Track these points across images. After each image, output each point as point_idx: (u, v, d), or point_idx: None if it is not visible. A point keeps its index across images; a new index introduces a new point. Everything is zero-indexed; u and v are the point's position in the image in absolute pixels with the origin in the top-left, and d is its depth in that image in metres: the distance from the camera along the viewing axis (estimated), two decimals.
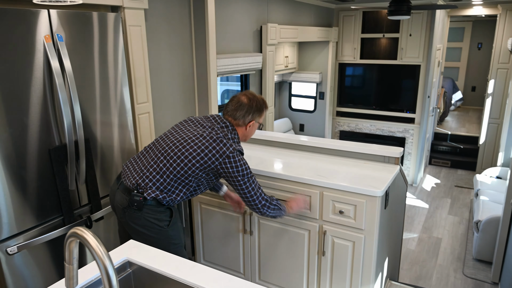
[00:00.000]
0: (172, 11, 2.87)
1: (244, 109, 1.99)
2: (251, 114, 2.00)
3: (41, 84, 1.92)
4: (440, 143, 6.74)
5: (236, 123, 2.02)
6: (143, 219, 1.90)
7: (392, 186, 2.34)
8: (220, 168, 1.89)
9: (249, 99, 2.01)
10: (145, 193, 1.87)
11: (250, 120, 2.01)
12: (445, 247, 3.89)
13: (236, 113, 2.00)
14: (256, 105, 2.01)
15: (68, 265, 0.88)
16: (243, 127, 2.03)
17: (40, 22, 1.88)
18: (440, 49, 6.06)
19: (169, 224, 1.96)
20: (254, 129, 2.09)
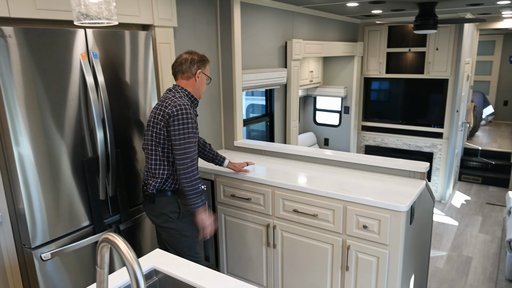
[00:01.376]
0: (200, 28, 2.98)
1: (187, 62, 2.12)
2: (195, 64, 2.13)
3: (77, 98, 2.04)
4: (470, 159, 6.55)
5: (186, 77, 2.13)
6: (156, 210, 2.13)
7: (417, 201, 2.31)
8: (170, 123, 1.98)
9: (190, 53, 2.15)
10: (149, 187, 2.10)
11: (197, 69, 2.13)
12: (476, 266, 3.76)
13: (182, 67, 2.13)
14: (197, 57, 2.14)
15: (100, 269, 0.93)
16: (192, 78, 2.14)
17: (77, 40, 2.00)
18: (469, 63, 5.95)
19: (179, 216, 2.14)
20: (203, 81, 2.19)
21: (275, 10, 3.72)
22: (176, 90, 2.12)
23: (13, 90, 1.78)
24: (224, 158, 2.60)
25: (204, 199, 2.10)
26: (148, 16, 2.44)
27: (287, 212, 2.48)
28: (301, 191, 2.40)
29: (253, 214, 2.66)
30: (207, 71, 2.20)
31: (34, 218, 1.93)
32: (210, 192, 2.85)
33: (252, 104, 4.89)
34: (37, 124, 1.89)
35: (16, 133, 1.81)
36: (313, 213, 2.37)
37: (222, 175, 2.76)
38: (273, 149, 3.09)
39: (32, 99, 1.85)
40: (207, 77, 2.21)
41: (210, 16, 3.06)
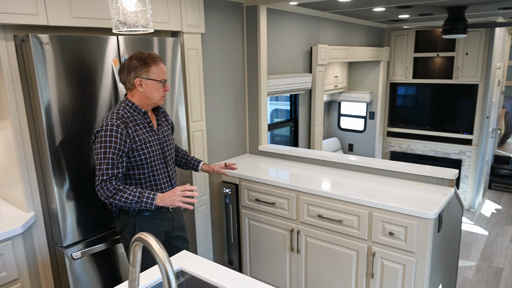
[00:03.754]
0: (227, 35, 3.02)
1: (124, 70, 1.84)
2: (132, 71, 1.81)
3: (108, 103, 2.11)
4: (501, 167, 6.33)
5: (127, 88, 1.87)
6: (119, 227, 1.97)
7: (446, 209, 2.26)
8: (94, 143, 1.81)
9: (129, 58, 1.84)
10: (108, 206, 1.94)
11: (134, 78, 1.81)
12: (507, 278, 3.62)
13: (121, 76, 1.87)
14: (136, 62, 1.81)
15: (132, 268, 0.97)
16: (134, 89, 1.85)
17: (109, 47, 2.08)
18: (501, 68, 5.77)
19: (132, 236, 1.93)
20: (153, 88, 1.85)
21: (301, 16, 3.74)
22: (118, 103, 1.89)
23: (49, 95, 1.86)
24: (199, 162, 2.29)
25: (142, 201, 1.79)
26: (177, 23, 2.51)
27: (312, 217, 2.48)
28: (325, 196, 2.39)
29: (277, 219, 2.66)
30: (153, 74, 1.83)
31: (66, 218, 2.00)
32: (235, 196, 2.87)
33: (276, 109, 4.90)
34: (70, 128, 1.96)
35: (51, 135, 1.89)
36: (337, 219, 2.35)
37: (246, 179, 2.78)
38: (297, 154, 3.09)
39: (66, 103, 1.93)
40: (157, 81, 1.85)
41: (237, 22, 3.10)
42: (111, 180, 1.77)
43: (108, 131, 1.76)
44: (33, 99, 1.90)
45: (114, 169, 1.77)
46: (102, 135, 1.76)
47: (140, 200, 1.79)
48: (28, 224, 1.95)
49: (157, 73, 1.84)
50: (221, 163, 2.33)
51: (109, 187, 1.76)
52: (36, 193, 2.03)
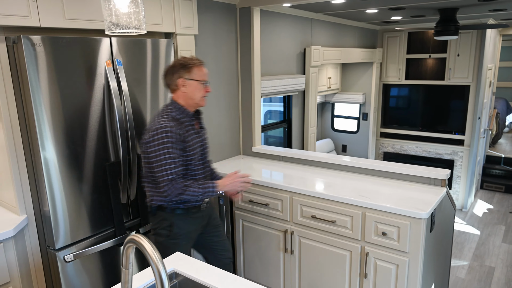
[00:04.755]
0: (220, 36, 3.03)
1: (169, 73, 1.98)
2: (175, 73, 1.95)
3: (101, 104, 2.10)
4: (492, 167, 6.39)
5: (172, 90, 2.00)
6: (153, 222, 2.07)
7: (438, 209, 2.28)
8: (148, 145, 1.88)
9: (174, 62, 1.99)
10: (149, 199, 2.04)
11: (178, 78, 1.95)
12: (499, 277, 3.66)
13: (166, 80, 2.01)
14: (179, 64, 1.96)
15: (125, 269, 0.96)
16: (178, 90, 1.97)
17: (102, 48, 2.07)
18: (492, 69, 5.83)
19: (168, 235, 2.03)
20: (195, 88, 1.97)
21: (294, 17, 3.75)
22: (166, 105, 2.00)
23: (41, 97, 1.85)
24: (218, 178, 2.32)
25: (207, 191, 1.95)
26: (171, 24, 2.51)
27: (305, 218, 2.49)
28: (319, 197, 2.40)
29: (271, 220, 2.67)
30: (195, 75, 1.96)
31: (58, 220, 1.99)
32: (228, 197, 2.87)
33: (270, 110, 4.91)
34: (62, 129, 1.95)
35: (43, 138, 1.88)
36: (331, 220, 2.36)
37: None
38: (290, 155, 3.10)
39: (58, 105, 1.92)
40: (199, 81, 1.97)
41: (230, 24, 3.11)
42: (178, 179, 1.90)
43: (165, 133, 1.85)
44: (25, 101, 1.88)
45: (178, 167, 1.90)
46: (161, 137, 1.85)
47: (205, 191, 1.95)
48: (20, 227, 1.93)
49: (198, 74, 1.97)
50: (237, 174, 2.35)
51: (178, 186, 1.88)
52: (28, 195, 2.01)
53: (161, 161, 1.86)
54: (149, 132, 1.89)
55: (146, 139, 1.90)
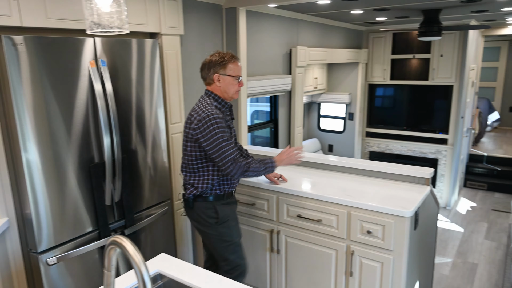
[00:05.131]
0: (206, 36, 3.02)
1: (205, 67, 2.10)
2: (212, 68, 2.07)
3: (84, 105, 2.07)
4: (475, 165, 6.52)
5: (207, 83, 2.13)
6: (195, 214, 2.16)
7: (422, 207, 2.32)
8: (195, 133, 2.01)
9: (211, 56, 2.10)
10: (188, 193, 2.14)
11: (213, 73, 2.07)
12: (482, 273, 3.73)
13: (202, 73, 2.13)
14: (216, 59, 2.07)
15: (107, 272, 0.96)
16: (213, 84, 2.10)
17: (86, 48, 2.04)
18: (474, 69, 5.95)
19: (217, 221, 2.15)
20: (230, 83, 2.10)
21: (280, 18, 3.77)
22: (204, 96, 2.13)
23: (23, 97, 1.82)
24: None
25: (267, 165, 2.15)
26: (156, 24, 2.49)
27: (291, 217, 2.50)
28: (305, 197, 2.41)
29: (257, 220, 2.67)
30: (230, 71, 2.08)
31: (41, 223, 1.96)
32: None
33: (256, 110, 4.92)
34: (45, 131, 1.92)
35: (25, 139, 1.85)
36: (317, 219, 2.38)
37: None
38: None
39: (41, 106, 1.89)
40: (233, 77, 2.10)
41: (216, 24, 3.10)
42: (239, 157, 2.04)
43: (215, 119, 1.98)
44: (6, 102, 1.85)
45: (235, 147, 2.06)
46: (213, 123, 1.97)
47: (265, 166, 2.13)
48: (0, 230, 1.89)
49: (233, 69, 2.09)
50: (277, 174, 2.59)
51: (241, 164, 2.03)
52: (9, 198, 1.97)
53: (219, 145, 1.98)
54: (196, 121, 1.99)
55: (195, 128, 1.99)
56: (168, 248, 2.75)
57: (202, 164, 2.10)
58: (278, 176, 2.60)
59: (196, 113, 2.03)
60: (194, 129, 2.01)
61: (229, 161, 2.00)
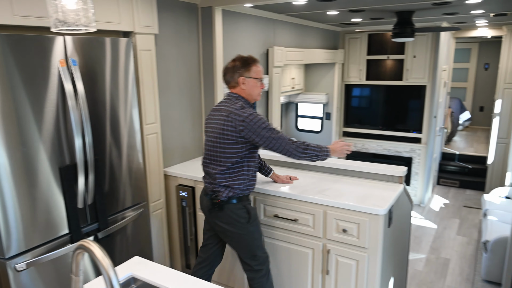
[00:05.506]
0: (181, 36, 2.99)
1: (229, 71, 2.17)
2: (237, 71, 2.14)
3: (55, 105, 2.01)
4: (448, 163, 6.71)
5: (231, 86, 2.18)
6: (226, 216, 2.16)
7: (396, 205, 2.36)
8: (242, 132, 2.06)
9: (233, 61, 2.18)
10: (219, 196, 2.14)
11: (239, 77, 2.14)
12: (454, 268, 3.84)
13: (226, 77, 2.19)
14: (240, 63, 2.14)
15: (75, 277, 0.93)
16: (238, 87, 2.16)
17: (55, 47, 1.99)
18: (446, 70, 6.11)
19: (248, 220, 2.18)
20: (252, 85, 2.17)
21: (257, 18, 3.77)
22: (232, 98, 2.16)
23: None
24: (271, 169, 2.60)
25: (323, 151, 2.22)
26: (129, 23, 2.44)
27: (268, 217, 2.50)
28: (282, 197, 2.42)
29: None
30: (253, 73, 2.16)
31: (9, 228, 1.89)
32: (191, 199, 2.84)
33: None
34: (13, 132, 1.86)
35: None
36: (293, 218, 2.39)
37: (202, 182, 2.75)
38: None
39: (9, 106, 1.83)
40: (256, 79, 2.17)
41: (192, 23, 3.07)
42: (293, 141, 2.13)
43: (258, 115, 2.08)
44: None
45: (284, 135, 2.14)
46: (258, 119, 2.06)
47: (322, 151, 2.21)
48: None
49: (256, 72, 2.16)
50: (287, 175, 2.63)
51: (298, 144, 2.13)
52: None
53: (272, 135, 2.07)
54: (239, 122, 2.04)
55: (241, 129, 2.03)
56: (144, 250, 2.71)
57: (238, 165, 2.14)
58: (289, 177, 2.64)
59: (235, 115, 2.06)
60: (240, 131, 2.05)
61: (288, 144, 2.10)
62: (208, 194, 2.20)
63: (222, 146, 2.11)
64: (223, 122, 2.09)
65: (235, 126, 2.05)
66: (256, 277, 2.26)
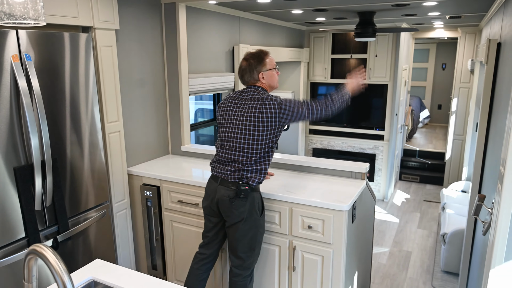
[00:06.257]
0: (144, 32, 2.91)
1: (247, 71, 2.21)
2: (255, 69, 2.19)
3: (8, 103, 1.91)
4: (409, 159, 6.97)
5: (252, 83, 2.23)
6: (248, 205, 2.15)
7: (359, 200, 2.42)
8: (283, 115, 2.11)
9: (246, 60, 2.23)
10: (250, 181, 2.14)
11: (257, 73, 2.20)
12: (415, 260, 3.99)
13: (244, 78, 2.24)
14: (254, 61, 2.20)
15: (27, 283, 0.88)
16: (259, 81, 2.22)
17: (8, 42, 1.88)
18: (406, 69, 6.33)
19: (261, 213, 2.23)
20: (271, 76, 2.24)
21: (222, 15, 3.74)
22: (255, 88, 2.21)
23: None
24: None
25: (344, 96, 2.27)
26: (88, 17, 2.36)
27: None
28: None
29: (201, 220, 2.63)
30: (269, 65, 2.21)
31: None
32: (157, 198, 2.79)
33: (201, 108, 4.86)
34: None
35: None
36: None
37: (168, 181, 2.71)
38: None
39: None
40: (272, 69, 2.23)
41: (155, 19, 3.01)
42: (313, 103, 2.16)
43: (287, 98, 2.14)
44: None
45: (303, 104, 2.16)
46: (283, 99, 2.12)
47: (343, 93, 2.27)
48: None
49: (269, 62, 2.23)
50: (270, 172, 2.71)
51: (321, 101, 2.17)
52: None
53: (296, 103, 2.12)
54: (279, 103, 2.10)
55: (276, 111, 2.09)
56: (108, 253, 2.63)
57: (267, 150, 2.18)
58: (271, 174, 2.73)
59: (270, 100, 2.11)
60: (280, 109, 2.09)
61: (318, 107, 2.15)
62: (230, 181, 2.16)
63: (257, 133, 2.12)
64: (258, 109, 2.11)
65: (275, 111, 2.10)
66: (243, 275, 2.25)
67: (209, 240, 2.37)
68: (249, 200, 2.15)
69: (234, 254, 2.25)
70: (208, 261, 2.40)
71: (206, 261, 2.39)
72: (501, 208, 1.42)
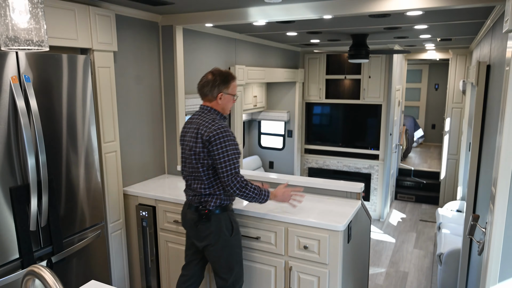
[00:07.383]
0: (142, 54, 2.97)
1: (209, 85, 2.16)
2: (217, 87, 2.15)
3: (6, 123, 1.93)
4: (404, 179, 6.99)
5: (208, 100, 2.18)
6: (213, 227, 2.15)
7: (354, 220, 2.43)
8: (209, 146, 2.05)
9: (213, 74, 2.18)
10: (208, 206, 2.14)
11: (218, 92, 2.15)
12: (412, 281, 3.97)
13: (204, 89, 2.18)
14: (220, 79, 2.15)
15: None
16: (214, 101, 2.18)
17: (8, 63, 1.91)
18: (400, 90, 6.44)
19: (232, 233, 2.19)
20: (228, 101, 2.21)
21: (218, 37, 3.82)
22: (204, 111, 2.18)
23: None
24: None
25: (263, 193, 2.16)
26: (87, 39, 2.40)
27: None
28: (244, 214, 2.42)
29: None
30: (231, 89, 2.19)
31: None
32: (152, 218, 2.78)
33: None
34: None
35: None
36: (256, 236, 2.39)
37: (164, 201, 2.71)
38: None
39: None
40: (232, 95, 2.21)
41: (152, 41, 3.07)
42: (240, 174, 2.08)
43: (228, 131, 2.07)
44: None
45: (239, 164, 2.10)
46: (227, 135, 2.05)
47: (261, 193, 2.14)
48: None
49: (233, 88, 2.21)
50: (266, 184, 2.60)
51: (241, 179, 2.08)
52: None
53: (230, 156, 2.04)
54: (207, 133, 2.04)
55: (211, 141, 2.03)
56: (102, 273, 2.60)
57: (216, 176, 2.14)
58: None
59: (205, 127, 2.08)
60: (208, 142, 2.05)
61: (233, 174, 2.06)
62: (193, 206, 2.19)
63: (197, 159, 2.11)
64: (195, 135, 2.11)
65: (205, 137, 2.06)
66: None
67: (189, 259, 2.37)
68: (213, 222, 2.15)
69: (217, 275, 2.27)
70: (190, 283, 2.37)
71: (188, 283, 2.37)
72: (494, 228, 1.44)
